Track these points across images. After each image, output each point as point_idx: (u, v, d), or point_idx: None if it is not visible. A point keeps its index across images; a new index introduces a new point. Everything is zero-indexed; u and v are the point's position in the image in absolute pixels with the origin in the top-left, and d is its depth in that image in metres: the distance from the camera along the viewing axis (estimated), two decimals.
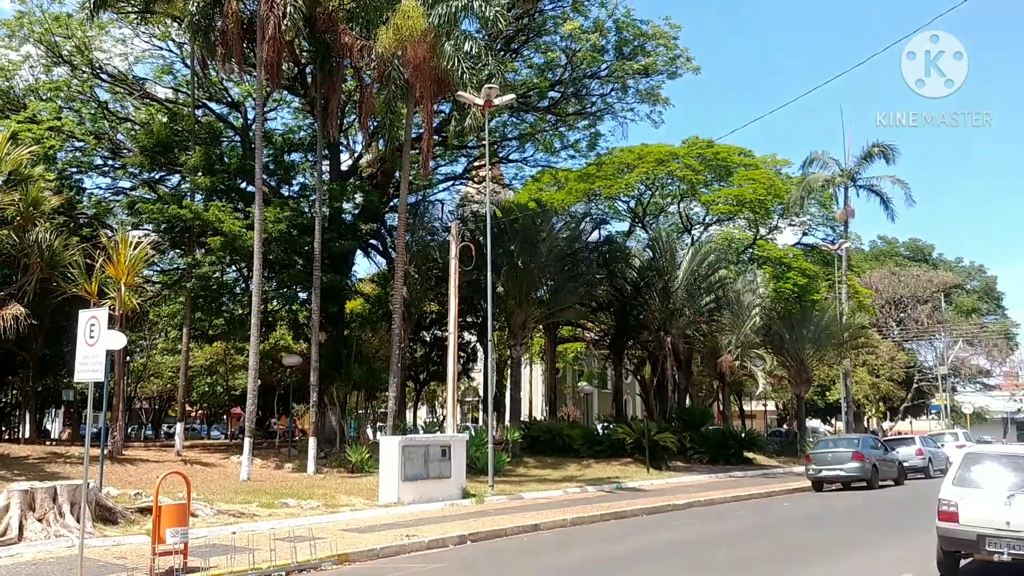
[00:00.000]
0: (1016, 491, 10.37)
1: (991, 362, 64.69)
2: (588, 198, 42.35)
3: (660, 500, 20.47)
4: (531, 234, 30.19)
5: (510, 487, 22.02)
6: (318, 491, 19.56)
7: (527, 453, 30.27)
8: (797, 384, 41.22)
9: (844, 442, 27.75)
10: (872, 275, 60.97)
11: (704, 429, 35.74)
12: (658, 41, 31.33)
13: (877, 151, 44.12)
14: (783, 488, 25.59)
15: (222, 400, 47.48)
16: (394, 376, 24.45)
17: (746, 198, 42.93)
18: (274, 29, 22.08)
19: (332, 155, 30.28)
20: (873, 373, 52.55)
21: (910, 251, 74.80)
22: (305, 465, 23.70)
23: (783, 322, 39.81)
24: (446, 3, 22.92)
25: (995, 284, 76.85)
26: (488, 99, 21.98)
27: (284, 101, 33.39)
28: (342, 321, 30.15)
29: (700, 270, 36.23)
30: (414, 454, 18.84)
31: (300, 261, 27.29)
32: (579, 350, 51.59)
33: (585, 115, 34.19)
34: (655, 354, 37.76)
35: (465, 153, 35.95)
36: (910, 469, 29.20)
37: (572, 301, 33.26)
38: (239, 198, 27.79)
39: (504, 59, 29.93)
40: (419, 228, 30.32)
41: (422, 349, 36.29)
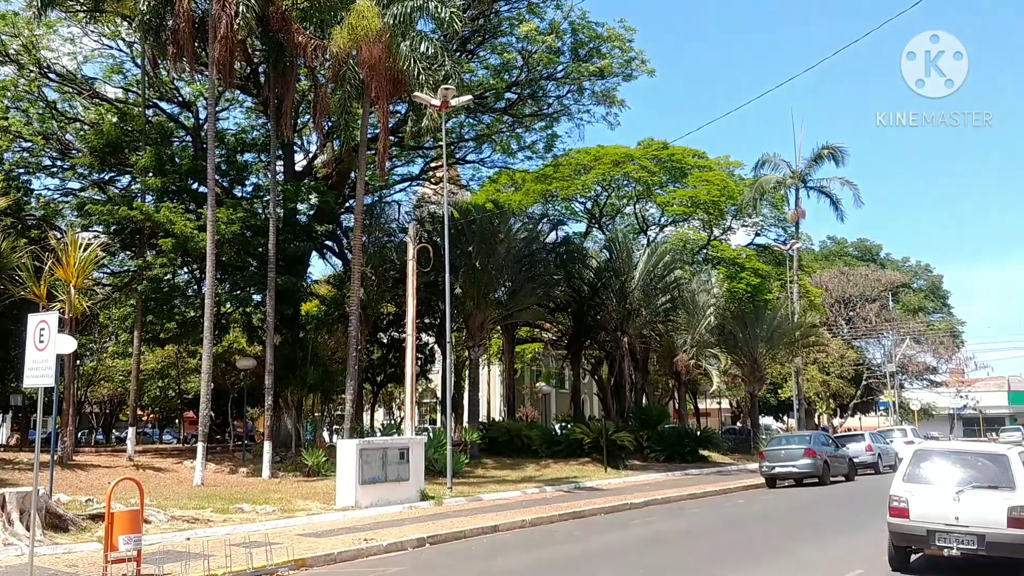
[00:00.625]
0: (964, 487, 10.63)
1: (937, 359, 66.23)
2: (545, 199, 42.49)
3: (618, 499, 20.62)
4: (489, 235, 30.20)
5: (469, 488, 22.00)
6: (274, 495, 19.34)
7: (486, 454, 30.26)
8: (750, 382, 41.83)
9: (796, 439, 28.22)
10: (822, 275, 62.06)
11: (660, 428, 36.07)
12: (613, 43, 31.56)
13: (827, 153, 45.07)
14: (737, 485, 25.94)
15: (174, 404, 46.75)
16: (351, 378, 24.28)
17: (700, 199, 43.42)
18: (226, 28, 21.80)
19: (286, 155, 29.97)
20: (824, 371, 53.50)
21: (859, 251, 76.24)
22: (260, 469, 23.41)
23: (737, 321, 40.35)
24: (401, 3, 22.85)
25: (941, 283, 78.68)
26: (444, 100, 21.94)
27: (237, 101, 32.96)
28: (297, 323, 29.87)
29: (656, 271, 36.57)
30: (371, 457, 18.73)
31: (254, 263, 26.96)
32: (537, 351, 51.72)
33: (542, 116, 34.31)
34: (612, 354, 38.02)
35: (422, 154, 35.83)
36: (860, 465, 29.78)
37: (530, 302, 33.34)
38: (191, 199, 27.38)
39: (460, 60, 29.88)
40: (376, 229, 30.14)
41: (379, 351, 36.07)
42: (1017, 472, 10.62)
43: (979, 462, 11.12)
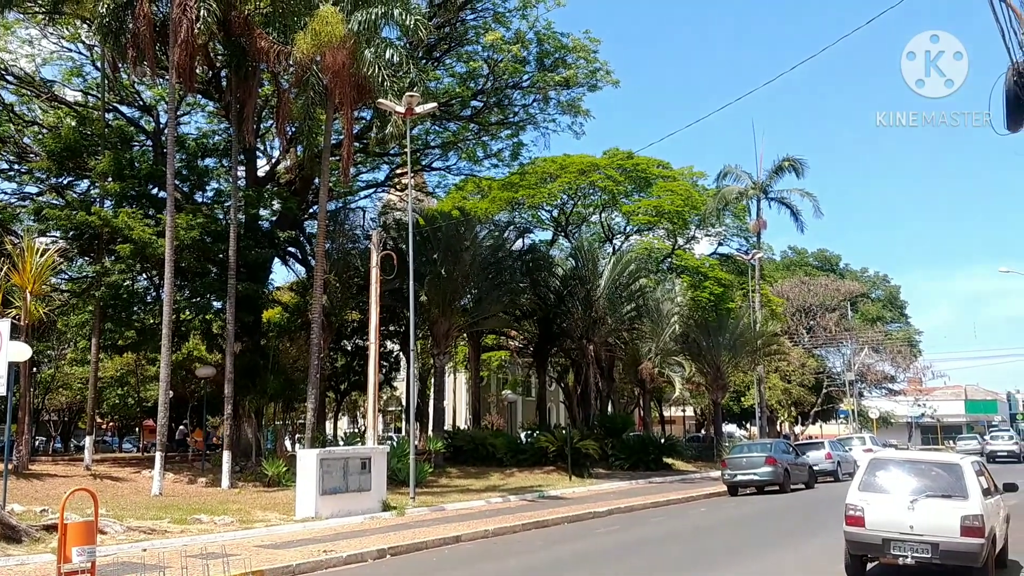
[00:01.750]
0: (919, 496, 10.77)
1: (895, 368, 67.34)
2: (512, 207, 42.51)
3: (582, 508, 20.64)
4: (455, 242, 30.14)
5: (432, 498, 21.88)
6: (233, 506, 19.08)
7: (450, 463, 30.13)
8: (714, 390, 42.16)
9: (758, 447, 28.48)
10: (783, 284, 62.81)
11: (625, 436, 36.20)
12: (578, 54, 31.74)
13: (787, 165, 45.74)
14: (700, 493, 26.11)
15: (134, 412, 45.98)
16: (313, 387, 24.06)
17: (665, 209, 43.74)
18: (187, 32, 21.53)
19: (248, 161, 29.66)
20: (785, 379, 54.10)
21: (819, 261, 77.24)
22: (219, 479, 23.09)
23: (700, 330, 40.66)
24: (366, 10, 22.75)
25: (898, 293, 79.99)
26: (409, 107, 21.87)
27: (198, 105, 32.56)
28: (258, 331, 29.54)
29: (621, 279, 36.74)
30: (333, 467, 18.54)
31: (214, 269, 26.63)
32: (503, 358, 51.67)
33: (508, 125, 34.37)
34: (578, 362, 38.10)
35: (387, 160, 35.70)
36: (820, 473, 30.12)
37: (496, 310, 33.32)
38: (150, 204, 26.96)
39: (426, 67, 29.86)
40: (340, 236, 29.92)
41: (343, 359, 35.80)
42: (970, 482, 10.79)
43: (933, 471, 11.28)
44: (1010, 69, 10.63)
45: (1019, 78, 10.54)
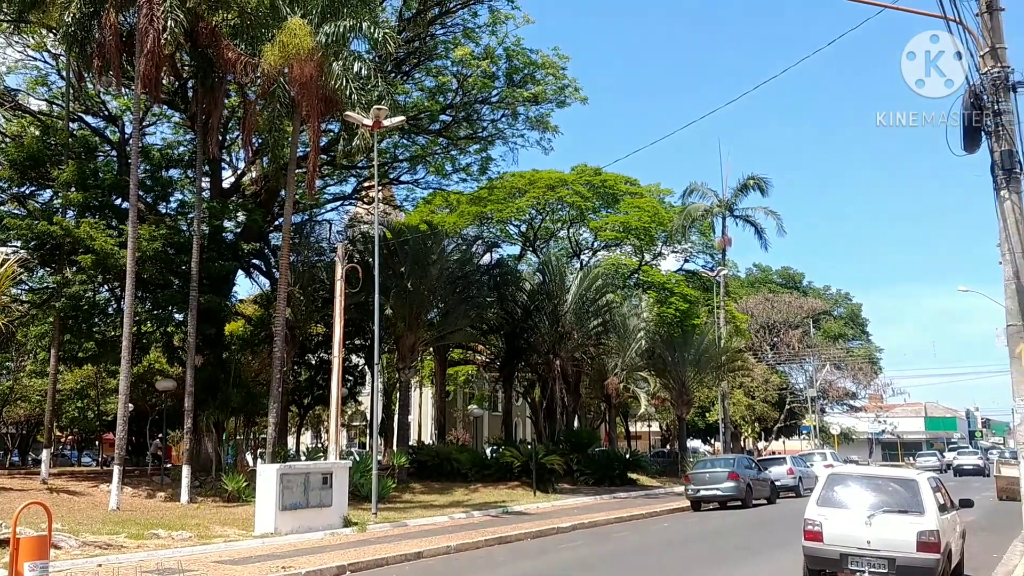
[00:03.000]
0: (876, 511, 10.89)
1: (857, 385, 68.27)
2: (480, 221, 42.56)
3: (546, 524, 20.59)
4: (422, 256, 30.07)
5: (395, 514, 21.71)
6: (191, 521, 18.79)
7: (414, 478, 29.94)
8: (679, 406, 42.39)
9: (721, 462, 28.65)
10: (748, 301, 63.46)
11: (591, 451, 36.23)
12: (547, 71, 31.95)
13: (752, 183, 46.37)
14: (664, 508, 26.18)
15: (93, 425, 45.10)
16: (275, 401, 23.81)
17: (632, 225, 44.06)
18: (153, 43, 21.35)
19: (213, 172, 29.41)
20: (749, 395, 54.57)
21: (783, 278, 78.17)
22: (178, 494, 22.75)
23: (666, 345, 40.90)
24: (334, 23, 22.72)
25: (860, 311, 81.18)
26: (377, 120, 21.84)
27: (164, 116, 32.28)
28: (221, 344, 29.22)
29: (588, 294, 36.87)
30: (293, 482, 18.33)
31: (177, 281, 26.32)
32: (470, 373, 51.57)
33: (476, 139, 34.44)
34: (545, 376, 38.11)
35: (355, 173, 35.57)
36: (782, 488, 30.37)
37: (463, 324, 33.26)
38: (113, 215, 26.66)
39: (395, 81, 29.85)
40: (305, 248, 29.73)
41: (307, 372, 35.49)
42: (926, 497, 10.93)
43: (890, 487, 11.42)
44: (966, 91, 10.90)
45: (975, 99, 10.82)
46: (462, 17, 31.27)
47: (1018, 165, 10.84)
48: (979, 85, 10.72)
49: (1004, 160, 10.67)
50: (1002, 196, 10.74)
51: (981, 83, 10.66)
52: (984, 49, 10.61)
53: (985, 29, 10.64)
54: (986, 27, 10.64)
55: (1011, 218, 10.66)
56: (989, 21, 10.66)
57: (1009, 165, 10.68)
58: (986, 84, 10.60)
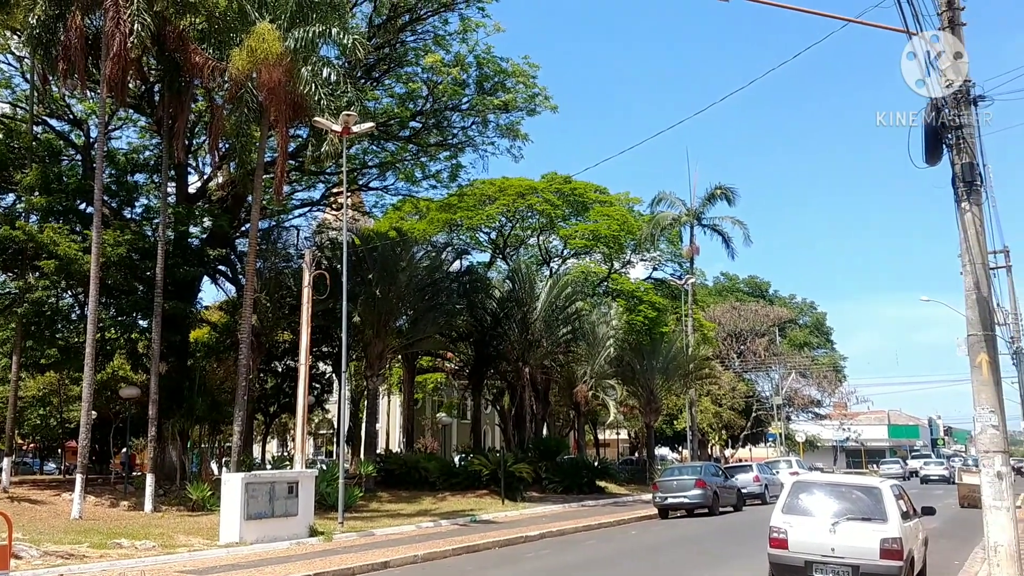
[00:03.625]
0: (840, 519, 10.99)
1: (822, 393, 68.98)
2: (450, 228, 42.48)
3: (514, 532, 20.54)
4: (391, 263, 29.93)
5: (361, 523, 21.55)
6: (155, 530, 18.52)
7: (382, 487, 29.74)
8: (647, 413, 42.56)
9: (688, 470, 28.80)
10: (715, 309, 63.93)
11: (560, 459, 36.24)
12: (518, 79, 31.98)
13: (719, 193, 46.88)
14: (632, 516, 26.24)
15: (56, 433, 44.36)
16: (240, 409, 23.55)
17: (601, 233, 44.21)
18: (119, 46, 21.08)
19: (179, 177, 29.08)
20: (716, 402, 54.92)
21: (749, 287, 78.78)
22: (142, 503, 22.44)
23: (635, 353, 41.07)
24: (303, 28, 22.60)
25: (825, 320, 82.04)
26: (346, 126, 21.75)
27: (130, 120, 31.82)
28: (186, 351, 28.87)
29: (558, 302, 36.92)
30: (258, 491, 18.13)
31: (141, 287, 25.99)
32: (439, 380, 51.39)
33: (447, 146, 34.35)
34: (514, 384, 38.08)
35: (323, 179, 35.31)
36: (748, 495, 30.58)
37: (432, 331, 33.13)
38: (78, 220, 26.29)
39: (365, 87, 29.72)
40: (272, 254, 29.41)
41: (273, 380, 35.12)
42: (889, 505, 11.06)
43: (854, 494, 11.53)
44: (928, 105, 11.07)
45: (937, 113, 10.98)
46: (433, 24, 31.24)
47: (978, 177, 11.01)
48: (940, 99, 10.89)
49: (965, 172, 10.84)
50: (963, 208, 10.90)
51: (943, 97, 10.83)
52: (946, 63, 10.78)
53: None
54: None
55: (971, 229, 10.83)
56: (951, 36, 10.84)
57: (970, 177, 10.85)
58: (947, 98, 10.77)
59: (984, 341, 10.75)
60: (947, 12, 10.91)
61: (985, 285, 11.04)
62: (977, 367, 10.70)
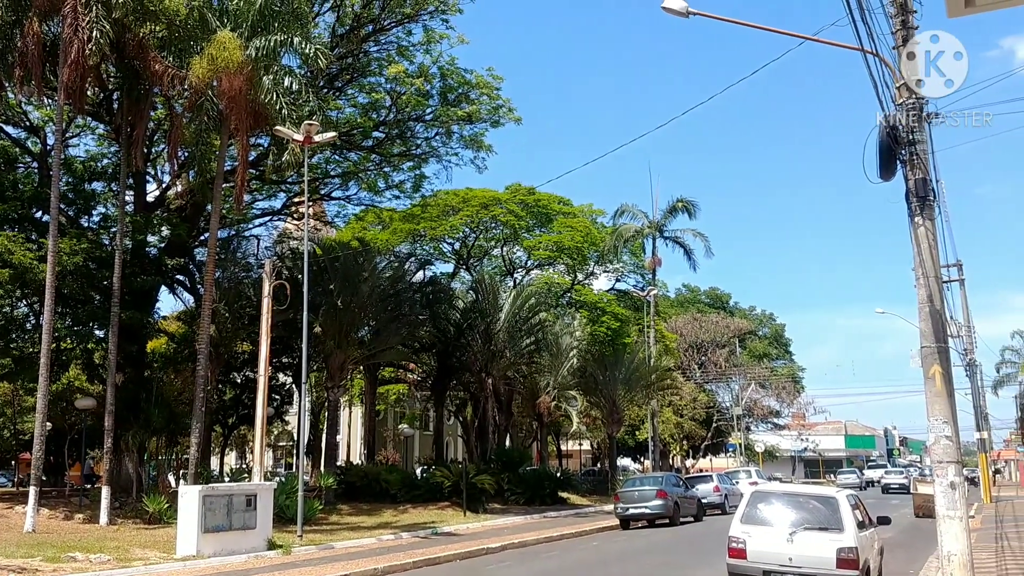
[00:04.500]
0: (797, 528, 11.12)
1: (780, 403, 69.80)
2: (413, 239, 42.33)
3: (475, 544, 20.47)
4: (353, 273, 29.74)
5: (321, 536, 21.34)
6: (110, 543, 18.17)
7: (342, 499, 29.46)
8: (609, 424, 42.72)
9: (649, 480, 28.98)
10: (677, 320, 64.45)
11: (522, 470, 36.18)
12: (481, 90, 31.98)
13: (681, 206, 47.43)
14: (593, 527, 26.29)
15: (9, 445, 43.37)
16: (198, 420, 23.22)
17: (565, 245, 44.36)
18: (78, 53, 20.72)
19: (138, 185, 28.65)
20: (678, 413, 55.28)
21: (710, 299, 79.55)
22: (97, 516, 21.99)
23: (597, 364, 41.22)
24: (265, 37, 22.44)
25: (783, 331, 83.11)
26: (308, 135, 21.63)
27: (88, 127, 31.32)
28: (143, 361, 28.41)
29: (521, 313, 36.94)
30: (216, 504, 17.89)
31: (98, 297, 25.54)
32: (401, 392, 51.13)
33: (410, 157, 34.21)
34: (477, 395, 37.99)
35: (285, 188, 35.00)
36: (708, 505, 30.80)
37: (394, 342, 32.95)
38: (33, 228, 25.83)
39: (327, 96, 29.54)
40: (231, 264, 29.10)
41: (232, 391, 34.67)
42: (845, 515, 11.20)
43: (811, 504, 11.68)
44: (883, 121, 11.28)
45: (891, 129, 11.20)
46: (396, 35, 31.16)
47: (932, 193, 11.24)
48: (895, 116, 11.10)
49: (918, 188, 11.06)
50: (916, 223, 11.11)
51: (897, 113, 11.04)
52: (900, 81, 10.99)
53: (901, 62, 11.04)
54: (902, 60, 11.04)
55: (925, 243, 11.04)
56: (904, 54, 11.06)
57: (923, 193, 11.06)
58: (901, 114, 10.98)
59: (937, 353, 10.94)
60: (901, 31, 11.13)
61: (938, 298, 11.24)
62: (931, 378, 10.87)
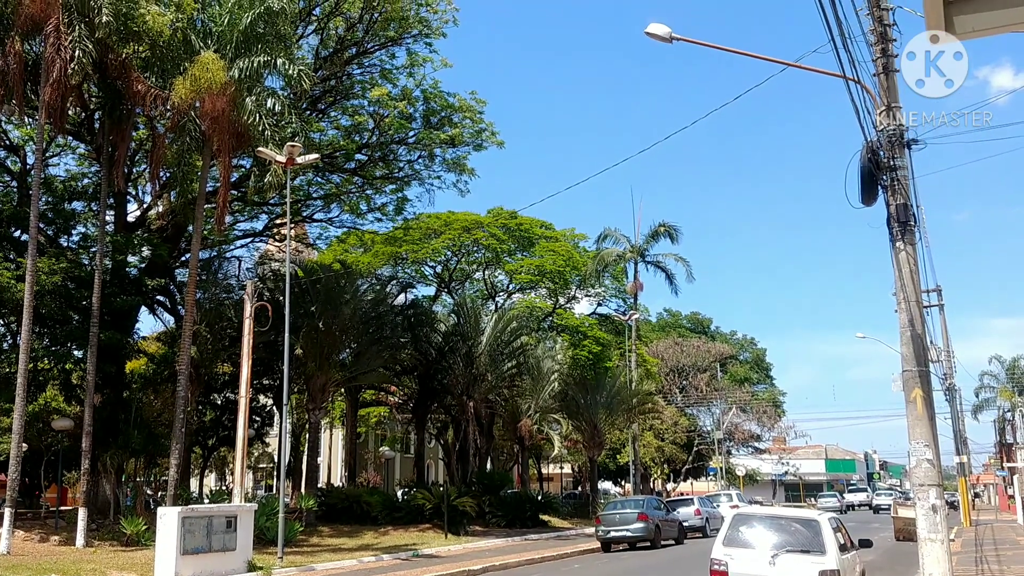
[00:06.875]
0: (780, 551, 11.13)
1: (761, 427, 70.06)
2: (395, 261, 42.31)
3: (456, 566, 20.32)
4: (334, 295, 29.65)
5: (301, 558, 21.12)
6: (87, 566, 17.90)
7: (323, 521, 29.20)
8: (590, 448, 42.64)
9: (631, 503, 28.92)
10: (658, 345, 64.67)
11: (503, 493, 36.02)
12: (464, 114, 32.09)
13: (663, 231, 47.66)
14: (575, 550, 26.18)
15: None
16: (177, 441, 22.98)
17: (547, 269, 44.51)
18: (60, 72, 20.68)
19: (118, 205, 28.50)
20: (659, 437, 55.34)
21: (692, 323, 79.94)
22: (74, 538, 21.66)
23: (579, 388, 41.21)
24: (248, 58, 22.49)
25: (764, 356, 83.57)
26: (291, 157, 21.62)
27: (68, 147, 31.15)
28: (121, 382, 28.11)
29: (503, 336, 36.90)
30: (195, 526, 17.66)
31: (77, 317, 25.32)
32: (382, 414, 50.86)
33: (392, 179, 34.26)
34: (458, 418, 37.84)
35: (267, 210, 34.92)
36: (689, 529, 30.78)
37: (376, 365, 32.81)
38: (11, 247, 25.64)
39: (310, 118, 29.60)
40: (212, 285, 28.94)
41: (212, 412, 34.35)
42: (827, 537, 11.23)
43: (792, 527, 11.70)
44: (864, 147, 11.46)
45: (872, 155, 11.38)
46: (380, 58, 31.31)
47: (912, 218, 11.41)
48: (876, 141, 11.29)
49: (899, 213, 11.22)
50: (897, 247, 11.27)
51: (878, 139, 11.23)
52: (881, 108, 11.20)
53: (882, 89, 11.24)
54: (883, 87, 11.24)
55: (906, 268, 11.20)
56: (885, 81, 11.27)
57: (904, 218, 11.23)
58: (883, 140, 11.17)
59: (918, 377, 11.05)
60: (881, 59, 11.36)
61: (919, 322, 11.38)
62: (912, 402, 10.98)
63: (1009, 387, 67.33)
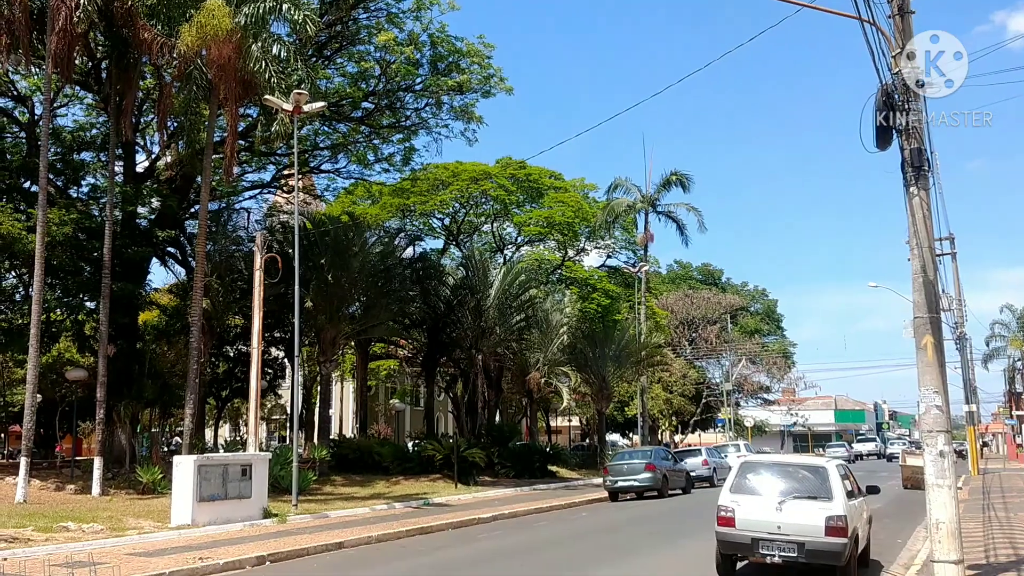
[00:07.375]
0: (786, 497, 11.19)
1: (771, 379, 70.22)
2: (403, 214, 42.20)
3: (466, 515, 20.59)
4: (343, 248, 29.67)
5: (315, 506, 21.44)
6: (103, 513, 18.20)
7: (336, 471, 29.56)
8: (599, 400, 42.89)
9: (638, 454, 29.17)
10: (668, 297, 64.60)
11: (512, 444, 36.37)
12: (472, 59, 31.60)
13: (675, 179, 47.10)
14: (583, 499, 26.49)
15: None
16: (191, 392, 23.21)
17: (556, 220, 44.32)
18: (66, 21, 20.51)
19: (127, 156, 28.40)
20: (667, 389, 55.56)
21: (702, 275, 79.72)
22: (90, 487, 22.02)
23: (588, 341, 41.30)
24: (254, 4, 22.21)
25: (775, 307, 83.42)
26: (297, 105, 21.45)
27: (76, 97, 30.97)
28: (135, 333, 28.33)
29: (512, 289, 36.92)
30: (211, 474, 17.92)
31: (88, 268, 25.43)
32: (392, 367, 51.20)
33: (400, 128, 33.92)
34: (467, 371, 38.06)
35: (274, 161, 34.75)
36: (697, 479, 31.06)
37: (385, 318, 32.92)
38: (22, 198, 25.66)
39: (316, 66, 29.25)
40: (222, 237, 28.97)
41: (225, 364, 34.67)
42: (835, 483, 11.27)
43: (800, 474, 11.74)
44: (879, 90, 11.24)
45: (887, 98, 11.17)
46: (386, 1, 30.71)
47: (926, 163, 11.25)
48: (891, 84, 11.07)
49: (914, 158, 11.04)
50: (911, 193, 11.12)
51: (893, 83, 11.02)
52: (896, 50, 10.94)
53: (897, 31, 10.98)
54: (898, 29, 10.98)
55: (919, 214, 11.06)
56: (900, 23, 11.00)
57: (918, 163, 11.06)
58: (898, 84, 10.95)
59: (930, 323, 10.98)
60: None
61: (931, 268, 11.28)
62: (923, 349, 10.92)
63: (1020, 336, 67.29)
